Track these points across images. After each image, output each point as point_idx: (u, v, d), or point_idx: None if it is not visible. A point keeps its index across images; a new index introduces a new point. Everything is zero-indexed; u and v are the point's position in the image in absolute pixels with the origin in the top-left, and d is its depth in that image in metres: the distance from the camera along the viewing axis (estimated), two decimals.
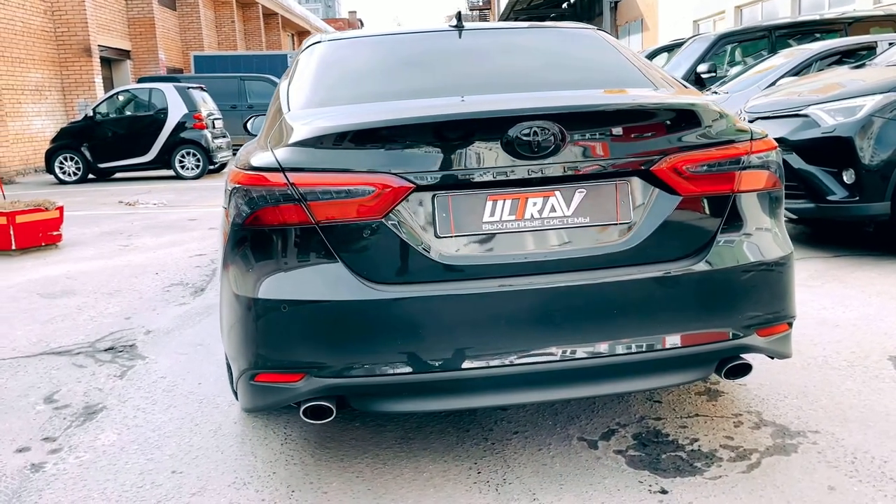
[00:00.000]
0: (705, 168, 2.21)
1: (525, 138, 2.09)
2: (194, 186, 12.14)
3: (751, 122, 5.31)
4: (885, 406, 2.74)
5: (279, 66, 22.03)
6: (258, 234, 2.15)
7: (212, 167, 13.44)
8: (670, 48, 13.02)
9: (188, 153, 13.02)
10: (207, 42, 26.88)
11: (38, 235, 6.47)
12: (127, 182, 13.34)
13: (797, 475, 2.30)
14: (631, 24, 29.34)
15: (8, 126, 14.41)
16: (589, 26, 3.23)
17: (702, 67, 9.94)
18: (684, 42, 11.91)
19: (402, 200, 2.10)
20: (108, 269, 5.78)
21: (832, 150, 4.78)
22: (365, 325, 2.08)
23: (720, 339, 2.23)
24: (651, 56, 13.28)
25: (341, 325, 2.08)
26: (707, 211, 2.24)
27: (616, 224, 2.19)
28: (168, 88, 13.14)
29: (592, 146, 2.16)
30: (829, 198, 4.79)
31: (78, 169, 13.05)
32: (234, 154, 15.93)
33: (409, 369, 2.09)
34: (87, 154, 12.97)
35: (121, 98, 13.45)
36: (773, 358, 2.47)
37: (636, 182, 2.20)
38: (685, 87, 2.68)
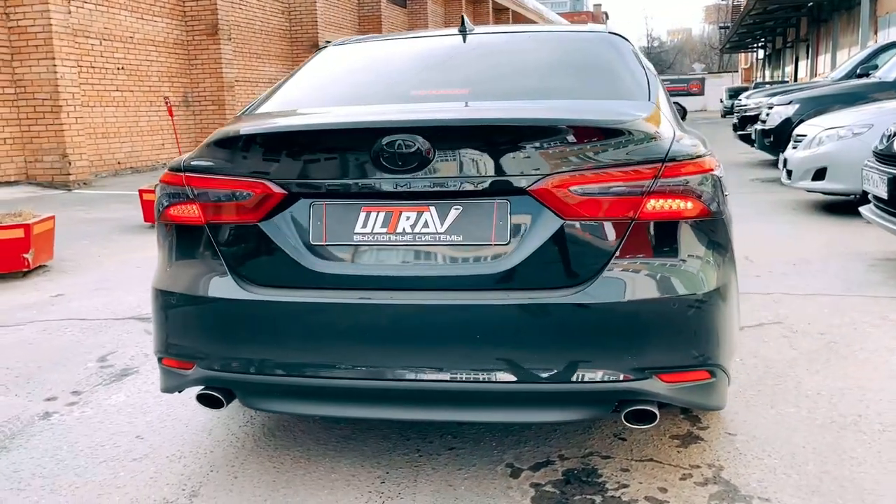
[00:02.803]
0: (597, 191, 2.00)
1: (389, 151, 2.03)
2: None
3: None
4: (875, 483, 2.27)
5: None
6: (165, 229, 2.33)
7: None
8: None
9: None
10: None
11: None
12: None
13: None
14: (892, 14, 25.82)
15: None
16: (602, 29, 3.00)
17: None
18: None
19: (280, 206, 2.15)
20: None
21: None
22: (238, 324, 2.16)
23: (607, 379, 2.01)
24: (884, 50, 11.68)
25: (219, 321, 2.20)
26: (597, 238, 2.02)
27: (490, 245, 2.05)
28: None
29: (468, 162, 2.05)
30: None
31: None
32: None
33: (276, 371, 2.14)
34: None
35: None
36: (694, 410, 2.16)
37: (517, 202, 2.04)
38: (660, 101, 2.41)
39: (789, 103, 9.37)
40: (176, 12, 14.87)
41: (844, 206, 7.55)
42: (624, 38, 2.87)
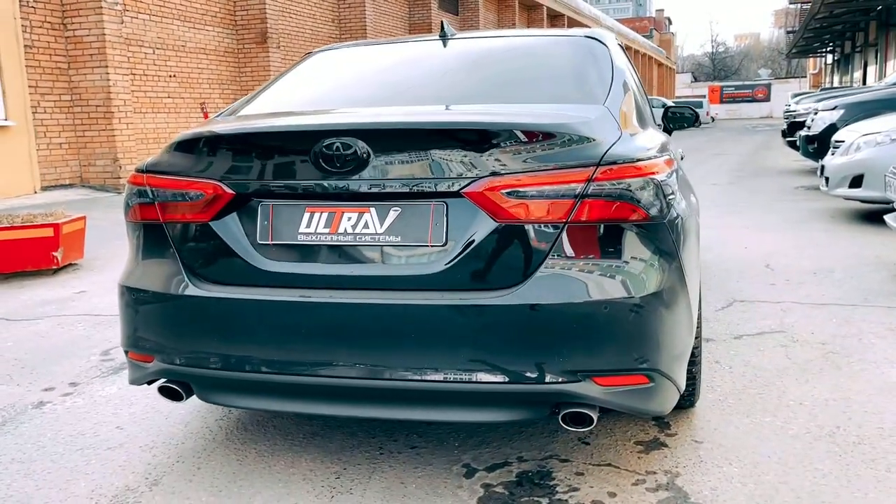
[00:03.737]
0: (531, 194, 2.01)
1: (328, 153, 2.08)
2: None
3: None
4: (835, 496, 2.19)
5: None
6: (131, 228, 2.44)
7: None
8: None
9: None
10: None
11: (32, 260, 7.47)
12: None
13: None
14: None
15: None
16: (583, 32, 3.02)
17: None
18: None
19: (230, 206, 2.22)
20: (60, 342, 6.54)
21: None
22: (191, 320, 2.23)
23: (540, 381, 2.00)
24: None
25: (174, 317, 2.27)
26: (530, 241, 2.03)
27: (427, 246, 2.08)
28: None
29: (406, 165, 2.08)
30: None
31: None
32: None
33: (226, 366, 2.19)
34: None
35: None
36: (631, 415, 2.19)
37: (452, 204, 2.06)
38: (613, 105, 2.39)
39: (834, 108, 9.07)
40: (227, 21, 15.30)
41: (882, 215, 7.27)
42: (601, 41, 2.89)
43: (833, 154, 7.24)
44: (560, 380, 1.99)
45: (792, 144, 12.21)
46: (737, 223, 7.26)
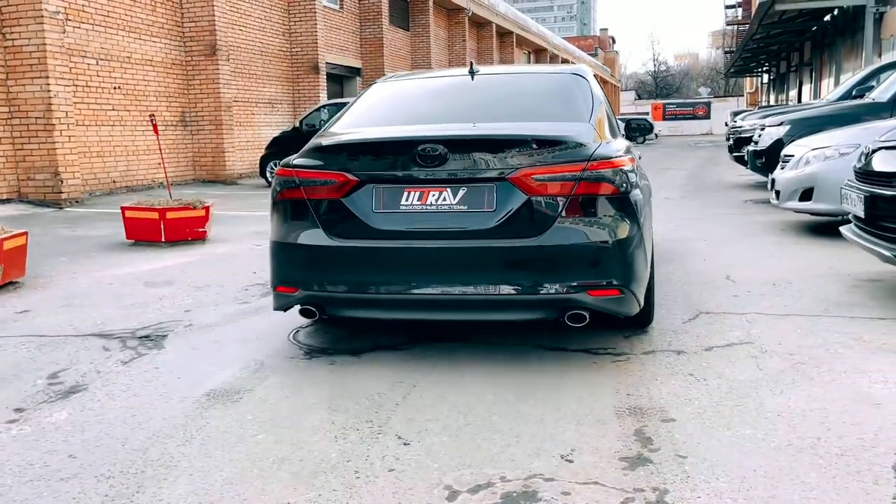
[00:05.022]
0: (547, 178, 3.21)
1: (422, 153, 3.27)
2: None
3: (875, 150, 4.47)
4: None
5: None
6: (280, 204, 3.53)
7: None
8: None
9: None
10: (437, 60, 28.29)
11: (186, 231, 7.26)
12: None
13: None
14: (878, 65, 25.74)
15: (237, 134, 16.35)
16: (570, 69, 4.21)
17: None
18: None
19: (354, 189, 3.37)
20: (219, 265, 6.34)
21: None
22: (326, 262, 3.39)
23: (555, 292, 3.20)
24: (880, 71, 11.63)
25: (313, 260, 3.42)
26: (548, 207, 3.21)
27: (483, 211, 3.25)
28: None
29: (470, 161, 3.27)
30: None
31: None
32: None
33: (348, 290, 3.37)
34: None
35: (326, 111, 14.66)
36: (613, 315, 3.34)
37: (499, 185, 3.25)
38: (597, 124, 3.59)
39: (780, 124, 9.30)
40: (174, 33, 14.96)
41: (831, 228, 7.46)
42: (583, 76, 4.11)
43: (783, 168, 7.39)
44: (567, 291, 3.19)
45: (738, 160, 12.49)
46: (693, 236, 7.34)
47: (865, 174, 4.44)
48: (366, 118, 3.97)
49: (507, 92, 4.05)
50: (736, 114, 34.17)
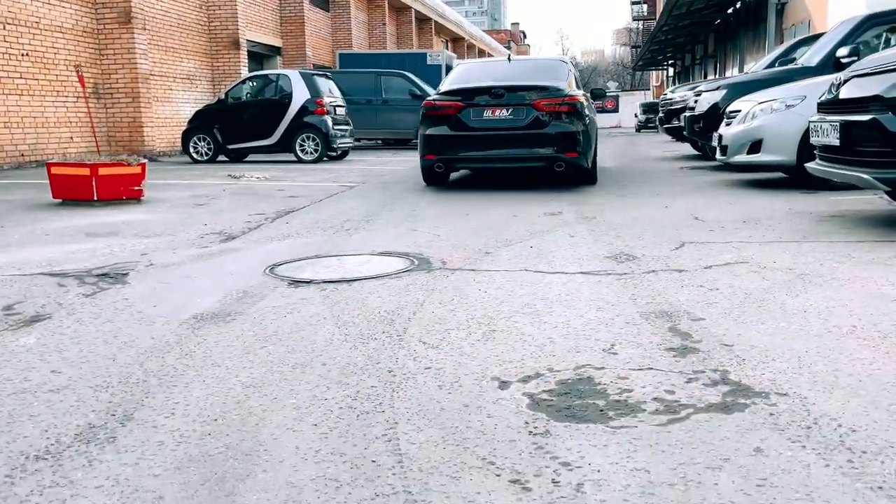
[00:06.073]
0: (546, 104, 7.27)
1: (493, 93, 7.35)
2: (307, 168, 12.30)
3: (846, 80, 4.54)
4: (894, 376, 2.10)
5: (419, 64, 22.36)
6: (428, 116, 7.62)
7: (332, 153, 13.69)
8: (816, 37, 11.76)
9: (308, 137, 13.35)
10: (358, 43, 27.81)
11: (120, 189, 6.76)
12: (257, 164, 13.89)
13: (725, 434, 1.78)
14: (798, 26, 26.99)
15: (156, 109, 15.53)
16: (557, 58, 9.33)
17: (842, 51, 8.84)
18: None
19: (461, 109, 7.39)
20: (164, 221, 5.91)
21: None
22: (449, 142, 7.49)
23: (550, 153, 7.27)
24: (799, 45, 12.11)
25: (443, 142, 7.51)
26: (547, 116, 7.28)
27: (520, 118, 7.30)
28: (293, 74, 13.58)
29: (514, 96, 7.32)
30: None
31: (209, 150, 13.76)
32: (356, 142, 16.37)
33: (461, 154, 7.57)
34: (218, 136, 13.65)
35: (252, 83, 14.09)
36: (575, 167, 7.46)
37: (526, 107, 7.28)
38: (573, 82, 7.92)
39: (717, 89, 9.51)
40: None
41: (777, 183, 7.69)
42: (564, 61, 8.69)
43: (728, 125, 7.53)
44: (555, 152, 7.26)
45: (669, 131, 12.75)
46: (645, 191, 7.39)
47: (836, 104, 4.51)
48: (459, 79, 8.09)
49: (527, 66, 8.65)
50: (646, 107, 35.28)
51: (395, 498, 1.54)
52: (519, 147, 7.19)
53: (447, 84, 7.90)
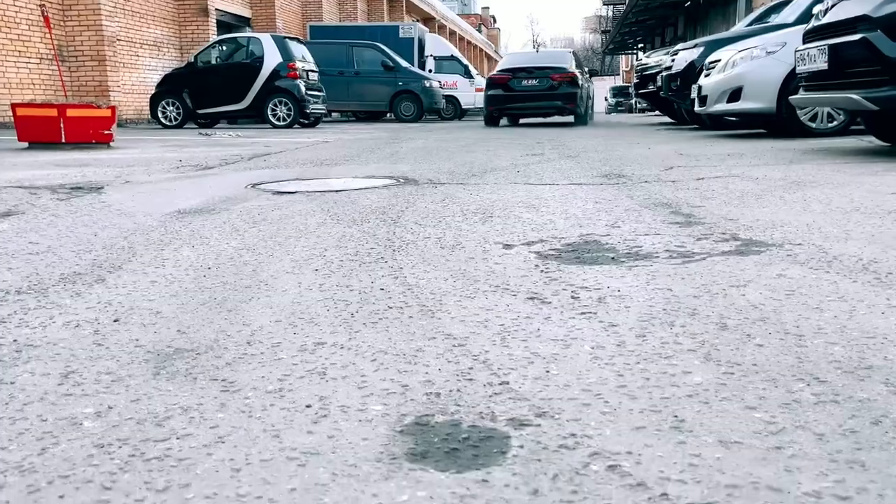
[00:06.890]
0: (560, 76, 13.56)
1: (528, 70, 13.82)
2: (280, 132, 12.07)
3: (832, 5, 4.53)
4: None
5: (392, 37, 22.13)
6: (490, 83, 14.20)
7: (304, 120, 13.47)
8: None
9: (280, 102, 13.11)
10: (328, 17, 27.41)
11: (89, 132, 6.54)
12: (229, 127, 13.61)
13: (744, 266, 1.72)
14: (767, 6, 27.34)
15: (123, 75, 15.14)
16: (565, 50, 17.42)
17: (818, 8, 8.88)
18: None
19: (510, 79, 13.72)
20: (137, 159, 5.73)
21: None
22: (501, 98, 13.84)
23: (564, 105, 13.80)
24: (770, 12, 12.19)
25: (497, 98, 13.87)
26: (559, 83, 13.56)
27: (550, 84, 13.56)
28: (265, 37, 13.33)
29: (540, 72, 13.68)
30: None
31: (179, 114, 13.44)
32: (327, 111, 16.16)
33: (509, 105, 13.97)
34: (188, 100, 13.34)
35: (222, 47, 13.79)
36: (575, 115, 13.98)
37: (548, 79, 13.59)
38: (573, 65, 14.30)
39: (694, 47, 9.52)
40: None
41: (758, 136, 7.71)
42: (569, 51, 16.00)
43: (707, 76, 7.52)
44: (564, 104, 13.64)
45: (644, 97, 12.77)
46: (624, 143, 7.36)
47: (823, 29, 4.49)
48: (508, 62, 14.63)
49: (547, 55, 15.50)
50: (616, 91, 35.35)
51: (409, 309, 1.46)
52: (542, 101, 13.46)
53: (501, 65, 14.81)
